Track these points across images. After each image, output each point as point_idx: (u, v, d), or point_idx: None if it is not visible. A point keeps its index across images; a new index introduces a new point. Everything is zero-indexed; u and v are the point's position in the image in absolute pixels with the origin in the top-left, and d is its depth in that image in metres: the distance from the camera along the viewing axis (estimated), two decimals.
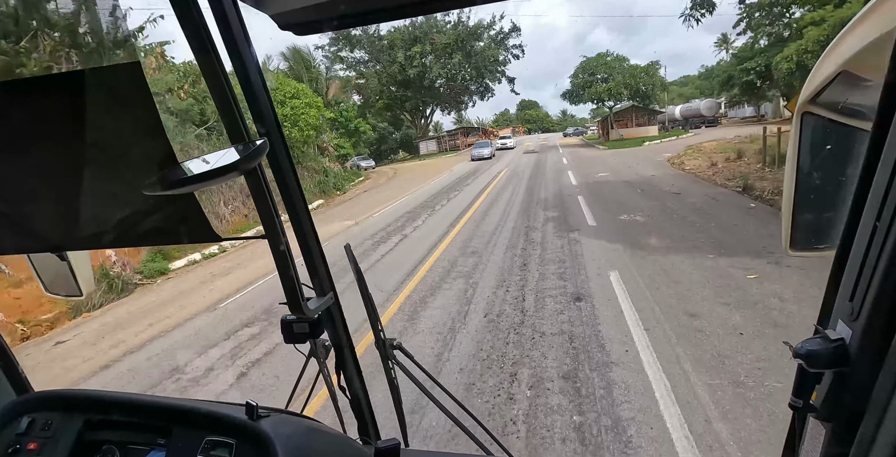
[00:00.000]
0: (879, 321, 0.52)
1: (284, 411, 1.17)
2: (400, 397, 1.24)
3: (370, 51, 40.76)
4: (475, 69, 41.52)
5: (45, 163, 0.78)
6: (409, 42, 39.14)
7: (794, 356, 0.60)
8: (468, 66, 40.70)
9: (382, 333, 1.19)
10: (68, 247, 1.09)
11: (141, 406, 1.12)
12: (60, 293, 1.35)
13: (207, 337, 5.95)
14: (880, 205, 0.51)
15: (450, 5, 0.90)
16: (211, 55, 0.72)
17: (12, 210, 0.87)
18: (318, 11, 0.87)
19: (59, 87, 0.69)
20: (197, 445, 1.01)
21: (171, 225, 0.84)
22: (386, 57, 40.19)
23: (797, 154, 0.86)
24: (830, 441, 0.61)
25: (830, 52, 0.73)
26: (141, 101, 0.66)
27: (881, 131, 0.53)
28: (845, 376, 0.57)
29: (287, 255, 0.91)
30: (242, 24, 0.79)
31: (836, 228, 0.65)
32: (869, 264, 0.53)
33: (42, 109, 0.72)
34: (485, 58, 40.91)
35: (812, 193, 0.87)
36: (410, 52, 38.76)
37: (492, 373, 3.99)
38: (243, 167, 0.73)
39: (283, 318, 1.11)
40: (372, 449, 1.10)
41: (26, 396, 1.22)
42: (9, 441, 1.09)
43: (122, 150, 0.74)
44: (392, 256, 8.73)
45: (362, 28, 36.54)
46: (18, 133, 0.75)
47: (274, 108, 0.90)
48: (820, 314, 0.67)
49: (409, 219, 12.59)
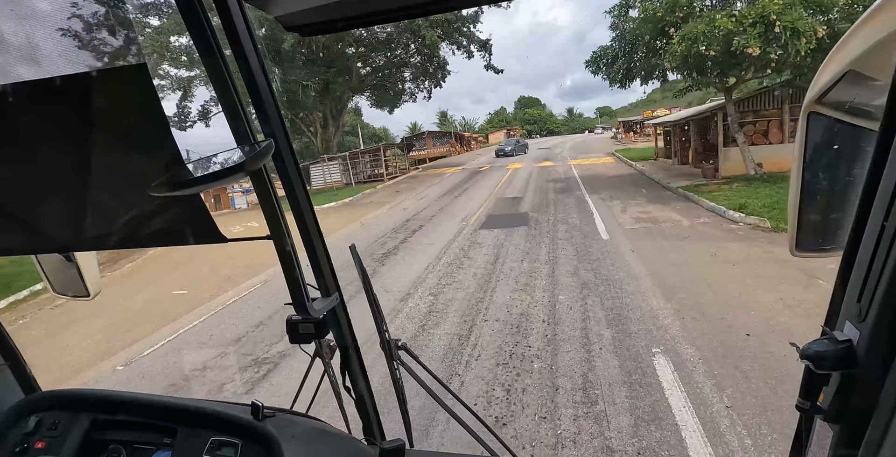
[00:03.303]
0: (887, 322, 0.52)
1: (290, 412, 1.17)
2: (405, 397, 1.25)
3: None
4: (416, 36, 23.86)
5: (51, 164, 0.78)
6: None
7: (801, 358, 0.60)
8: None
9: (387, 334, 1.20)
10: (75, 248, 1.10)
11: (147, 406, 1.13)
12: (68, 294, 1.36)
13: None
14: (888, 205, 0.51)
15: (454, 5, 0.90)
16: (217, 57, 0.72)
17: (20, 211, 0.87)
18: (323, 13, 0.88)
19: (66, 88, 0.70)
20: (203, 444, 1.02)
21: (178, 226, 0.85)
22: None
23: (803, 154, 0.85)
24: (838, 443, 0.60)
25: (837, 52, 0.73)
26: (147, 103, 0.67)
27: (888, 131, 0.53)
28: (853, 378, 0.57)
29: (292, 255, 0.91)
30: (248, 26, 0.79)
31: (843, 229, 0.65)
32: (877, 265, 0.52)
33: (48, 111, 0.72)
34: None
35: (818, 193, 0.86)
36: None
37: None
38: (249, 168, 0.73)
39: (289, 318, 1.11)
40: (377, 449, 1.10)
41: (34, 395, 1.23)
42: (17, 440, 1.10)
43: (129, 151, 0.75)
44: None
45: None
46: (25, 134, 0.75)
47: (280, 110, 0.90)
48: (827, 315, 0.66)
49: None
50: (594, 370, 3.97)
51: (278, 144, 0.88)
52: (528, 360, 4.30)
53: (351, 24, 0.93)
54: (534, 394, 3.72)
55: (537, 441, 3.13)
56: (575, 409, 3.45)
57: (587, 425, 3.25)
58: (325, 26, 0.94)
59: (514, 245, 8.68)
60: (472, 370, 4.22)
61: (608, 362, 4.07)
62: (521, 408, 3.55)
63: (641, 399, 3.47)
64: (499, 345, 4.67)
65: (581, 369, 4.01)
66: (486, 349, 4.61)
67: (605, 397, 3.57)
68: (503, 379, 4.00)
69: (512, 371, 4.13)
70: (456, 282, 6.85)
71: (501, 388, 3.87)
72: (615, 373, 3.89)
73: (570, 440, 3.11)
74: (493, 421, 3.36)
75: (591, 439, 3.10)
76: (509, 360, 4.34)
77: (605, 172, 19.52)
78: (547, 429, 3.26)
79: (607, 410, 3.39)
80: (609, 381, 3.78)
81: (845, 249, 0.61)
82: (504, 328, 5.06)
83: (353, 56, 25.74)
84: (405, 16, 0.94)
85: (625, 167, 21.24)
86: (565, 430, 3.22)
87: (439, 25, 23.47)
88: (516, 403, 3.63)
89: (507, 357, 4.40)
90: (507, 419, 3.42)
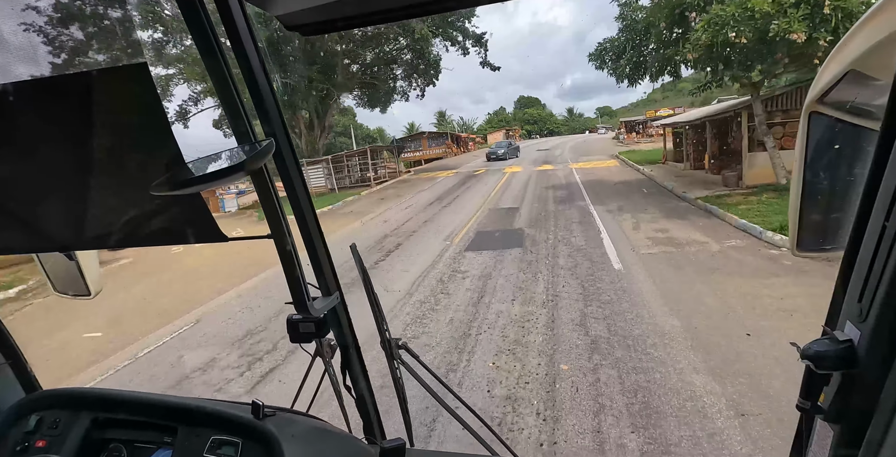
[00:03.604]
0: (888, 322, 0.52)
1: (290, 411, 1.17)
2: (405, 396, 1.25)
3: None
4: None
5: (52, 163, 0.78)
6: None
7: (801, 357, 0.60)
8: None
9: (388, 333, 1.20)
10: (76, 247, 1.10)
11: (148, 405, 1.13)
12: (69, 293, 1.36)
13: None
14: (889, 205, 0.51)
15: (456, 5, 0.90)
16: (218, 57, 0.72)
17: (21, 210, 0.87)
18: (324, 12, 0.88)
19: (67, 87, 0.70)
20: (203, 443, 1.02)
21: (178, 225, 0.85)
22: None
23: (804, 154, 0.85)
24: (838, 443, 0.60)
25: (838, 51, 0.73)
26: (148, 102, 0.67)
27: (890, 131, 0.53)
28: (854, 378, 0.56)
29: (293, 255, 0.91)
30: (249, 25, 0.79)
31: (844, 228, 0.65)
32: (878, 265, 0.52)
33: (49, 110, 0.72)
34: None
35: (820, 193, 0.86)
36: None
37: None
38: (249, 167, 0.73)
39: (290, 317, 1.11)
40: (377, 449, 1.10)
41: (35, 394, 1.23)
42: (18, 439, 1.10)
43: (129, 150, 0.75)
44: None
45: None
46: (25, 133, 0.75)
47: (280, 110, 0.90)
48: (828, 315, 0.66)
49: None
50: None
51: (279, 143, 0.88)
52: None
53: (352, 24, 0.93)
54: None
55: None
56: None
57: None
58: (326, 26, 0.94)
59: (503, 276, 6.87)
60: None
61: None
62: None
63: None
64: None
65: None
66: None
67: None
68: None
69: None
70: (426, 334, 5.10)
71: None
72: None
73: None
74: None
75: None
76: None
77: (610, 178, 17.45)
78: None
79: None
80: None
81: (846, 248, 0.61)
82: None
83: (339, 52, 24.01)
84: (406, 15, 0.94)
85: (631, 172, 19.16)
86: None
87: (432, 19, 22.20)
88: None
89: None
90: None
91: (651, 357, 4.07)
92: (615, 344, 4.40)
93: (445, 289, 6.64)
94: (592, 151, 33.47)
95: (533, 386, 3.84)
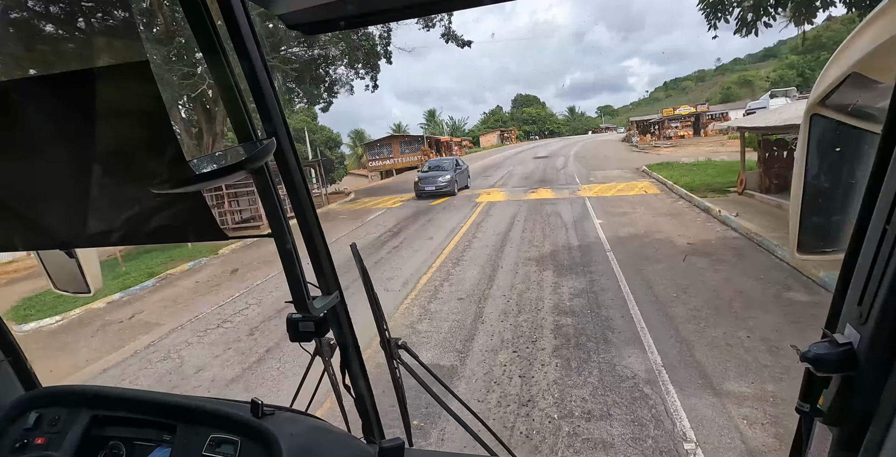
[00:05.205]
0: (888, 325, 0.52)
1: (289, 409, 1.18)
2: (405, 396, 1.25)
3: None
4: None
5: (53, 160, 0.79)
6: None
7: (801, 360, 0.60)
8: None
9: (388, 333, 1.20)
10: (76, 244, 1.10)
11: (147, 403, 1.13)
12: (69, 290, 1.36)
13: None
14: (890, 208, 0.51)
15: (456, 5, 0.90)
16: (219, 55, 0.72)
17: (21, 207, 0.87)
18: (326, 11, 0.88)
19: (68, 85, 0.70)
20: (202, 442, 1.02)
21: (179, 223, 0.85)
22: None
23: (806, 156, 0.85)
24: (838, 446, 0.60)
25: (840, 54, 0.73)
26: (149, 100, 0.67)
27: (891, 134, 0.53)
28: (853, 381, 0.56)
29: (293, 253, 0.92)
30: (251, 24, 0.79)
31: (845, 231, 0.65)
32: (878, 268, 0.52)
33: (51, 107, 0.72)
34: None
35: (821, 196, 0.86)
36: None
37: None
38: (250, 166, 0.73)
39: (289, 316, 1.11)
40: (376, 448, 1.10)
41: (34, 391, 1.23)
42: (17, 436, 1.10)
43: (131, 148, 0.75)
44: None
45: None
46: (27, 131, 0.76)
47: (282, 108, 0.90)
48: (828, 318, 0.66)
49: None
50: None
51: (280, 142, 0.88)
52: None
53: (353, 23, 0.93)
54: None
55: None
56: None
57: None
58: (328, 25, 0.94)
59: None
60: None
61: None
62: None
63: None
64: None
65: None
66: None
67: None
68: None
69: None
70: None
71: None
72: None
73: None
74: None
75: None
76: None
77: (666, 233, 8.13)
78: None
79: None
80: None
81: (847, 251, 0.61)
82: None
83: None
84: (406, 15, 0.94)
85: (691, 212, 9.88)
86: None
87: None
88: None
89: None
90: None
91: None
92: None
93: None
94: (605, 159, 24.59)
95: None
